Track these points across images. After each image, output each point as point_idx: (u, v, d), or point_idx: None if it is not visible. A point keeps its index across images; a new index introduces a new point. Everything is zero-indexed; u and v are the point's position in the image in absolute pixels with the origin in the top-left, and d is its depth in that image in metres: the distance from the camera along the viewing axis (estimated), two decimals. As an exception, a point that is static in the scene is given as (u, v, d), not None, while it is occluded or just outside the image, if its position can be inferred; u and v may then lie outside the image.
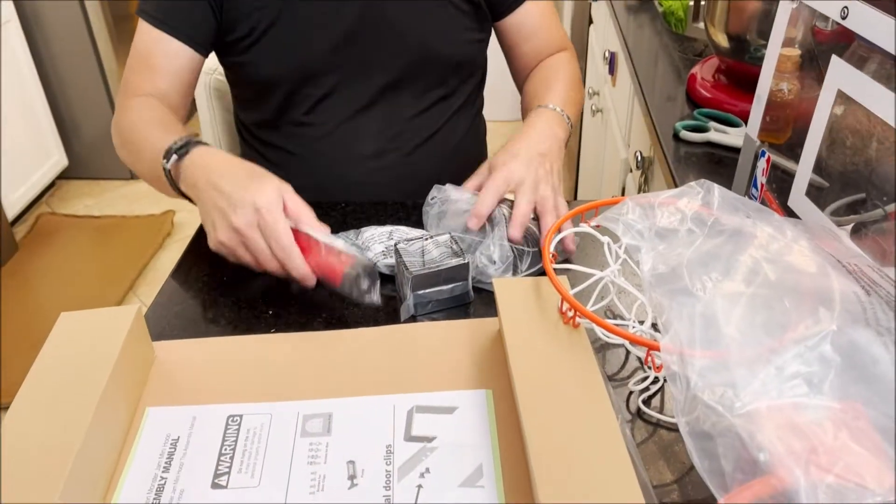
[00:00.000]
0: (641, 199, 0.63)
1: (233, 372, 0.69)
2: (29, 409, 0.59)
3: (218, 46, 1.01)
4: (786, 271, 0.57)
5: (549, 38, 1.12)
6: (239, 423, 0.63)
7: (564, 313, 0.64)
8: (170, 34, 0.96)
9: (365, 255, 0.82)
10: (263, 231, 0.73)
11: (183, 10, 0.96)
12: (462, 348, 0.70)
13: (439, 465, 0.59)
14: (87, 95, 2.80)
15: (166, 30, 0.96)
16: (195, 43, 0.97)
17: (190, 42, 0.97)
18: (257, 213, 0.73)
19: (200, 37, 0.98)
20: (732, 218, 0.63)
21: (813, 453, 0.48)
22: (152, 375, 0.69)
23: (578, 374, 0.60)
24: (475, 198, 0.83)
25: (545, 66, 1.11)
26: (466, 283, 0.77)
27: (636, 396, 0.65)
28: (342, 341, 0.72)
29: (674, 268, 0.57)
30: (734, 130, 1.06)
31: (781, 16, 0.79)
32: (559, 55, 1.12)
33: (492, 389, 0.66)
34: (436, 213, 0.86)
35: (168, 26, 0.96)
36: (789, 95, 0.96)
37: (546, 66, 1.11)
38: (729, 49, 1.13)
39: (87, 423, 0.57)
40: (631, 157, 1.38)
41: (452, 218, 0.84)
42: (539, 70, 1.11)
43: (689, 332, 0.55)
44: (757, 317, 0.55)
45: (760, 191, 0.85)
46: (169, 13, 0.96)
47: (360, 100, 1.03)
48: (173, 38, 0.96)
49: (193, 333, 0.75)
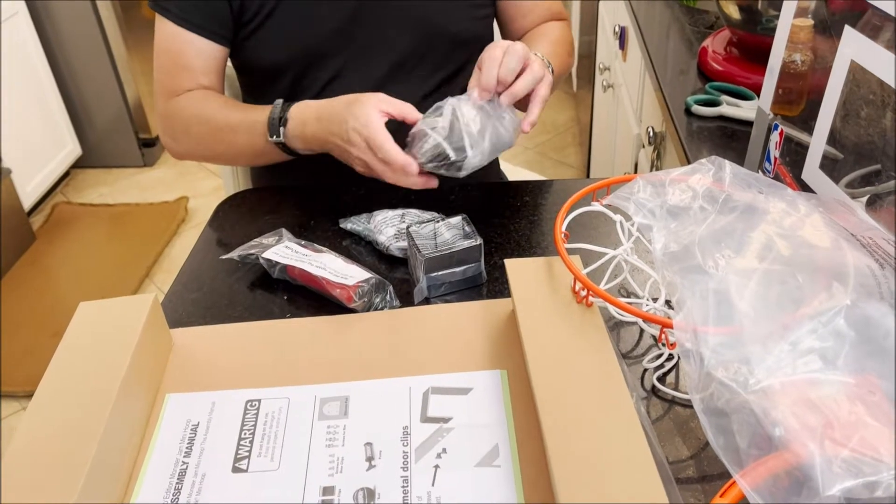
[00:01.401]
0: (652, 177, 0.63)
1: (250, 357, 0.70)
2: (51, 398, 0.60)
3: None
4: (799, 246, 0.57)
5: (547, 12, 1.13)
6: (257, 408, 0.64)
7: (577, 293, 0.64)
8: (198, 33, 0.96)
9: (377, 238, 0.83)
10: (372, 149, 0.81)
11: (204, 6, 0.95)
12: (476, 329, 0.71)
13: (456, 445, 0.59)
14: (99, 84, 2.81)
15: (193, 28, 0.96)
16: (221, 37, 0.98)
17: (217, 38, 0.98)
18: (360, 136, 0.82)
19: (224, 29, 0.98)
20: (745, 194, 0.62)
21: (828, 428, 0.48)
22: (171, 362, 0.70)
23: (592, 352, 0.60)
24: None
25: (535, 31, 1.11)
26: (479, 264, 0.77)
27: (651, 374, 0.66)
28: (357, 325, 0.73)
29: (686, 245, 0.57)
30: (747, 104, 1.05)
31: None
32: (552, 22, 1.13)
33: (506, 370, 0.66)
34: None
35: (193, 24, 0.96)
36: (803, 67, 0.94)
37: (536, 30, 1.11)
38: (740, 20, 1.11)
39: (109, 411, 0.58)
40: (643, 133, 1.37)
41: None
42: (528, 34, 1.12)
43: (703, 309, 0.55)
44: (770, 293, 0.55)
45: (774, 164, 0.84)
46: (188, 8, 0.96)
47: (368, 82, 1.03)
48: (202, 37, 0.97)
49: (210, 320, 0.76)
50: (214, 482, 0.58)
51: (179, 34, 0.96)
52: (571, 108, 2.97)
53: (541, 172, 1.46)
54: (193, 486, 0.58)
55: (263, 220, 0.92)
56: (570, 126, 2.98)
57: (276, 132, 0.90)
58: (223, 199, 0.98)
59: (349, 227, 0.87)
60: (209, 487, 0.58)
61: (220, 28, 0.97)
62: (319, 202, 0.94)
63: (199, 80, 0.98)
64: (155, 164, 2.99)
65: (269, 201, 0.96)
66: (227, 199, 0.98)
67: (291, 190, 0.98)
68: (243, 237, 0.87)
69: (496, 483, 0.56)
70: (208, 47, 0.97)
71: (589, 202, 0.73)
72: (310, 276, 0.75)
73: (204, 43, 0.97)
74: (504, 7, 1.12)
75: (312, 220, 0.91)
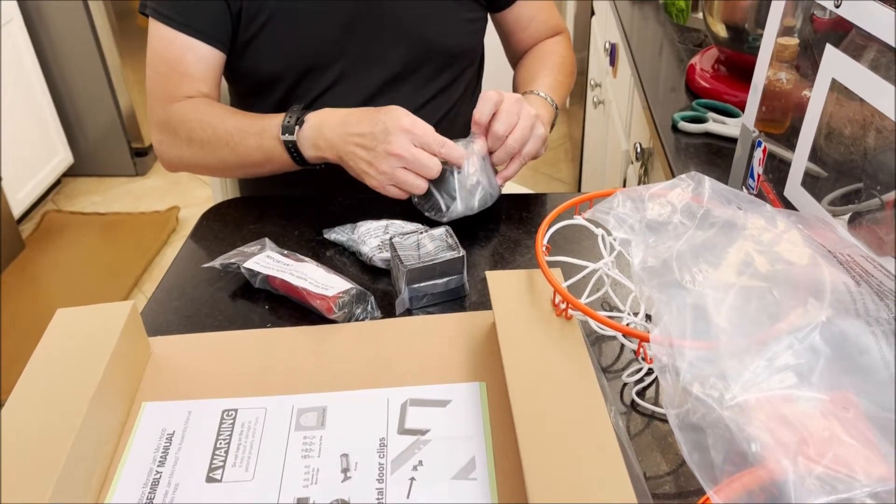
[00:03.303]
0: (632, 191, 0.63)
1: (228, 366, 0.69)
2: (25, 405, 0.59)
3: None
4: (776, 262, 0.57)
5: (545, 24, 1.14)
6: (234, 418, 0.64)
7: (557, 305, 0.64)
8: (198, 38, 0.94)
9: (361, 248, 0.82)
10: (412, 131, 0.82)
11: (202, 9, 0.94)
12: (456, 341, 0.71)
13: (432, 457, 0.59)
14: (92, 92, 2.81)
15: (193, 33, 0.94)
16: (220, 43, 0.96)
17: (217, 44, 0.96)
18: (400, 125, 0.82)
19: (224, 35, 0.96)
20: (724, 209, 0.63)
21: (802, 444, 0.48)
22: (148, 370, 0.69)
23: (570, 366, 0.60)
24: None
25: (537, 51, 1.12)
26: (462, 276, 0.77)
27: (630, 388, 0.65)
28: (337, 335, 0.72)
29: (664, 260, 0.57)
30: (732, 121, 1.06)
31: (777, 5, 0.79)
32: (553, 39, 1.14)
33: (485, 382, 0.66)
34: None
35: (192, 29, 0.94)
36: (788, 85, 0.95)
37: (538, 50, 1.12)
38: (727, 39, 1.12)
39: (82, 418, 0.57)
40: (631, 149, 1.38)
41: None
42: (531, 55, 1.13)
43: (679, 323, 0.55)
44: (747, 308, 0.55)
45: (757, 181, 0.85)
46: (188, 13, 0.94)
47: (360, 95, 1.03)
48: (202, 41, 0.95)
49: (190, 328, 0.76)
50: (188, 492, 0.57)
51: (178, 39, 0.94)
52: (564, 124, 2.98)
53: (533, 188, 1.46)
54: (166, 496, 0.57)
55: (248, 230, 0.92)
56: (562, 142, 3.00)
57: (290, 131, 0.89)
58: (208, 208, 0.97)
59: (333, 238, 0.87)
60: (182, 497, 0.57)
61: (220, 33, 0.96)
62: (304, 212, 0.94)
63: (199, 86, 0.97)
64: (147, 173, 2.99)
65: (253, 211, 0.96)
66: (212, 208, 0.98)
67: (276, 200, 0.98)
68: (227, 246, 0.87)
69: (472, 496, 0.56)
70: (209, 53, 0.96)
71: (572, 216, 0.73)
72: (291, 286, 0.74)
73: (204, 48, 0.95)
74: (503, 21, 1.13)
75: (297, 230, 0.91)
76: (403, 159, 0.82)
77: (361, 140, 0.84)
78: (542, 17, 1.13)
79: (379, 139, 0.83)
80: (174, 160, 0.99)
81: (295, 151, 0.89)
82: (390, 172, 0.83)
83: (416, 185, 0.83)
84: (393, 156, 0.82)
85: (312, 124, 0.89)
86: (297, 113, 0.89)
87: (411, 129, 0.82)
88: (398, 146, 0.82)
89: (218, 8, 0.94)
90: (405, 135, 0.82)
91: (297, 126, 0.88)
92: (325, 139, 0.87)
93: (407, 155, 0.82)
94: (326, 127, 0.88)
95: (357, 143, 0.84)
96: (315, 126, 0.88)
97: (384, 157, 0.82)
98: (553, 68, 1.07)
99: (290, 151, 0.89)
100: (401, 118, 0.82)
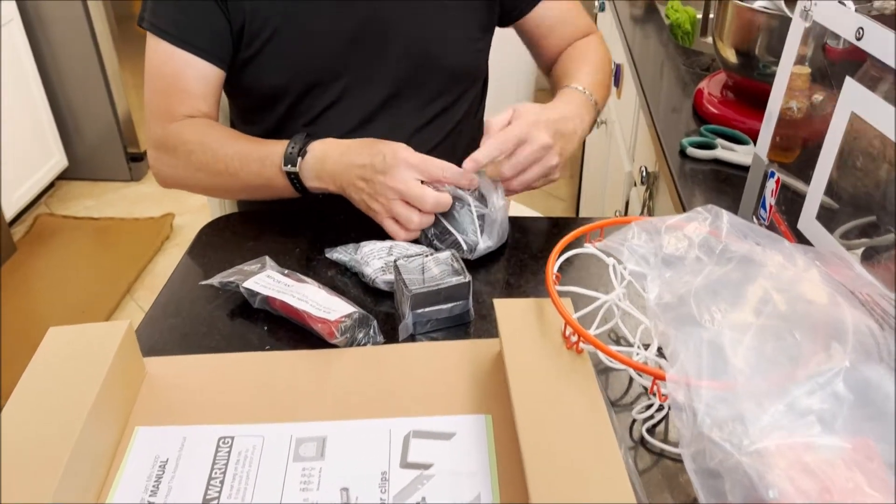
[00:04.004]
0: (647, 223, 0.61)
1: (225, 391, 0.67)
2: (14, 427, 0.57)
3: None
4: (796, 302, 0.55)
5: (573, 28, 1.10)
6: (230, 446, 0.62)
7: (567, 338, 0.62)
8: (198, 55, 0.92)
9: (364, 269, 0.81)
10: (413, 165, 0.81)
11: (202, 26, 0.91)
12: (461, 370, 0.69)
13: (436, 494, 0.57)
14: (89, 95, 2.78)
15: (193, 51, 0.92)
16: (220, 60, 0.94)
17: (217, 61, 0.94)
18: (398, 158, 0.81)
19: (224, 53, 0.94)
20: (741, 244, 0.61)
21: (824, 494, 0.46)
22: (142, 393, 0.67)
23: (581, 401, 0.58)
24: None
25: (572, 51, 1.08)
26: (467, 301, 0.75)
27: (640, 425, 0.64)
28: (338, 361, 0.70)
29: (681, 296, 0.55)
30: (742, 148, 1.05)
31: (794, 34, 0.78)
32: (586, 39, 1.10)
33: (491, 414, 0.64)
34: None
35: (194, 46, 0.91)
36: (798, 114, 0.94)
37: (572, 51, 1.08)
38: (737, 65, 1.11)
39: (73, 443, 0.55)
40: (636, 172, 1.37)
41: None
42: (565, 57, 1.09)
43: (696, 362, 0.53)
44: (767, 348, 0.54)
45: (769, 212, 0.83)
46: (187, 30, 0.91)
47: (362, 112, 1.01)
48: (202, 59, 0.92)
49: (186, 348, 0.74)
50: (180, 524, 0.55)
51: (177, 56, 0.92)
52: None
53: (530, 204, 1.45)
54: (158, 528, 0.55)
55: (247, 247, 0.90)
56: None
57: (292, 162, 0.87)
58: (206, 223, 0.95)
59: (335, 257, 0.85)
60: (175, 530, 0.55)
61: (220, 51, 0.94)
62: (305, 230, 0.92)
63: (198, 104, 0.95)
64: (142, 178, 2.97)
65: (253, 227, 0.94)
66: (211, 222, 0.95)
67: (277, 216, 0.96)
68: (225, 263, 0.85)
69: (476, 536, 0.54)
70: (208, 71, 0.94)
71: (581, 243, 0.71)
72: (291, 308, 0.72)
73: (204, 66, 0.93)
74: (524, 30, 1.11)
75: (297, 248, 0.89)
76: (400, 192, 0.81)
77: (362, 172, 0.83)
78: (568, 18, 1.10)
79: (378, 170, 0.82)
80: (170, 179, 0.97)
81: (297, 181, 0.88)
82: (387, 205, 0.82)
83: (411, 220, 0.81)
84: (390, 188, 0.81)
85: (315, 155, 0.87)
86: (300, 142, 0.88)
87: (409, 160, 0.81)
88: (395, 178, 0.80)
89: (218, 24, 0.92)
90: (404, 167, 0.80)
91: (299, 157, 0.87)
92: (328, 171, 0.86)
93: (403, 187, 0.80)
94: (329, 160, 0.87)
95: (358, 174, 0.83)
96: (318, 158, 0.87)
97: (382, 188, 0.82)
98: (592, 66, 1.03)
99: (293, 182, 0.88)
100: (399, 150, 0.82)
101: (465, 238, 0.84)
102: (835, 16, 0.73)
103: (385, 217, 0.83)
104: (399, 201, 0.81)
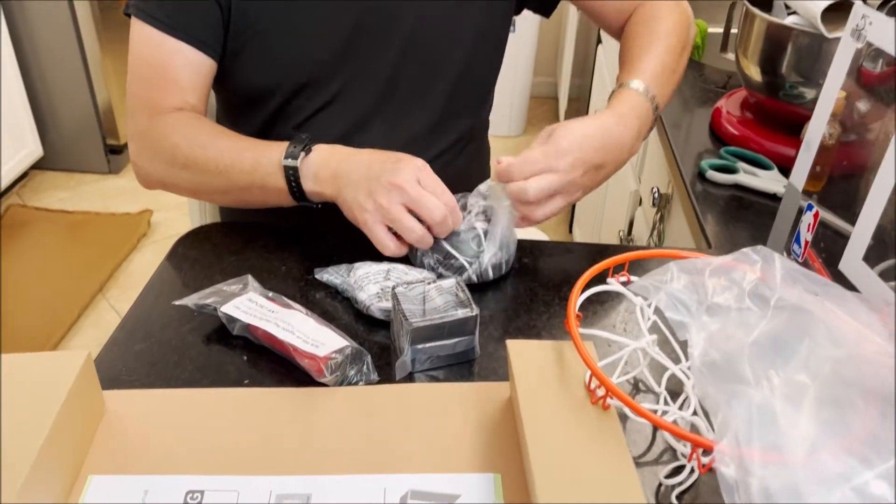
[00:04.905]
0: (688, 264, 0.54)
1: (196, 434, 0.59)
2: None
3: None
4: (861, 364, 0.48)
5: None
6: (199, 501, 0.53)
7: (593, 391, 0.55)
8: (189, 42, 0.84)
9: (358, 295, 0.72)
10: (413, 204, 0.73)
11: (194, 13, 0.84)
12: (467, 419, 0.61)
13: (437, 571, 0.49)
14: (68, 82, 2.67)
15: (183, 37, 0.84)
16: (212, 49, 0.86)
17: (208, 50, 0.86)
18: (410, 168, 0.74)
19: (216, 41, 0.86)
20: (792, 291, 0.54)
21: None
22: (99, 434, 0.58)
23: (608, 467, 0.51)
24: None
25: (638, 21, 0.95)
26: (473, 337, 0.67)
27: (669, 490, 0.56)
28: (327, 402, 0.62)
29: (729, 355, 0.48)
30: (765, 174, 0.98)
31: (843, 55, 0.71)
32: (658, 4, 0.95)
33: (500, 474, 0.56)
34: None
35: (185, 34, 0.84)
36: (830, 140, 0.87)
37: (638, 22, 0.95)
38: (761, 84, 1.04)
39: (15, 494, 0.46)
40: (646, 193, 1.30)
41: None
42: (631, 26, 0.96)
43: (747, 430, 0.46)
44: (828, 416, 0.47)
45: (804, 248, 0.76)
46: (178, 15, 0.84)
47: (354, 116, 0.93)
48: (193, 46, 0.84)
49: (154, 378, 0.65)
50: None
51: (166, 43, 0.84)
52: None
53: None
54: None
55: (228, 261, 0.81)
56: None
57: (294, 157, 0.78)
58: (185, 233, 0.86)
59: (325, 279, 0.77)
60: None
61: (211, 39, 0.85)
62: (293, 245, 0.84)
63: (186, 96, 0.86)
64: (120, 171, 2.85)
65: (236, 239, 0.85)
66: (190, 232, 0.87)
67: (263, 229, 0.87)
68: (204, 278, 0.77)
69: None
70: (199, 60, 0.86)
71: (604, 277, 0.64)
72: (275, 339, 0.64)
73: (194, 54, 0.85)
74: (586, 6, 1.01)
75: (284, 266, 0.81)
76: (406, 194, 0.72)
77: (368, 170, 0.75)
78: None
79: (387, 169, 0.74)
80: (152, 176, 0.88)
81: (294, 180, 0.79)
82: (387, 206, 0.73)
83: (412, 231, 0.73)
84: (395, 187, 0.72)
85: (321, 155, 0.79)
86: (304, 141, 0.80)
87: (423, 171, 0.74)
88: (403, 178, 0.73)
89: (210, 11, 0.84)
90: (416, 172, 0.73)
91: (302, 153, 0.78)
92: (331, 168, 0.78)
93: (410, 189, 0.72)
94: (335, 158, 0.79)
95: (363, 173, 0.75)
96: (323, 157, 0.79)
97: (386, 188, 0.73)
98: (658, 46, 0.89)
99: (289, 180, 0.79)
100: (416, 159, 0.75)
101: (468, 260, 0.76)
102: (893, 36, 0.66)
103: (375, 222, 0.74)
104: (401, 206, 0.73)
